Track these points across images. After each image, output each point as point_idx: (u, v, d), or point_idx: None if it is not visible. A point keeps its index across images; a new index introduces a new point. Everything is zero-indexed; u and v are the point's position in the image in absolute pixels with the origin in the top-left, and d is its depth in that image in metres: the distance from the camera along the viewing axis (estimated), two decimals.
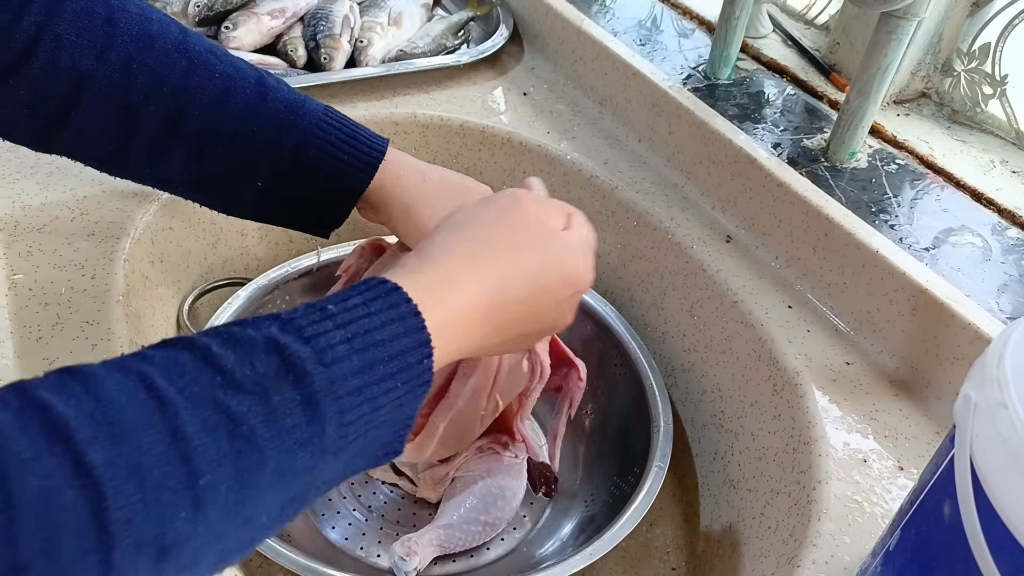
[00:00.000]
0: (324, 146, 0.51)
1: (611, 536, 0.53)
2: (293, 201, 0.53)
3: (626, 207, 0.74)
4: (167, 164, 0.51)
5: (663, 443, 0.60)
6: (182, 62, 0.49)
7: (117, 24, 0.47)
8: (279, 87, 0.52)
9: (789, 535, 0.51)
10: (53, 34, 0.46)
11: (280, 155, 0.51)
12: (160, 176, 0.53)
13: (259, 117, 0.50)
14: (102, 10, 0.47)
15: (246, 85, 0.50)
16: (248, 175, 0.51)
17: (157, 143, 0.50)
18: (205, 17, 0.88)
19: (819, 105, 0.77)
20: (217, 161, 0.51)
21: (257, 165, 0.51)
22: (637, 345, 0.68)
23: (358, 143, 0.52)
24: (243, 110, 0.50)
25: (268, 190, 0.52)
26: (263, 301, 0.69)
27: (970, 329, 0.54)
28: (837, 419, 0.55)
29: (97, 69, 0.47)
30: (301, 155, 0.51)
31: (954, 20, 0.73)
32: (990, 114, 0.74)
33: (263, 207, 0.54)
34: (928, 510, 0.35)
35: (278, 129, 0.51)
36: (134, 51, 0.47)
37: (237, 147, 0.50)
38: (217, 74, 0.50)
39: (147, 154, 0.50)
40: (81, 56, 0.46)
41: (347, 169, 0.52)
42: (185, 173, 0.52)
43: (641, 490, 0.57)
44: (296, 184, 0.52)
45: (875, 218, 0.63)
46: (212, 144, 0.50)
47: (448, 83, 0.85)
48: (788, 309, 0.63)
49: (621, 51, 0.80)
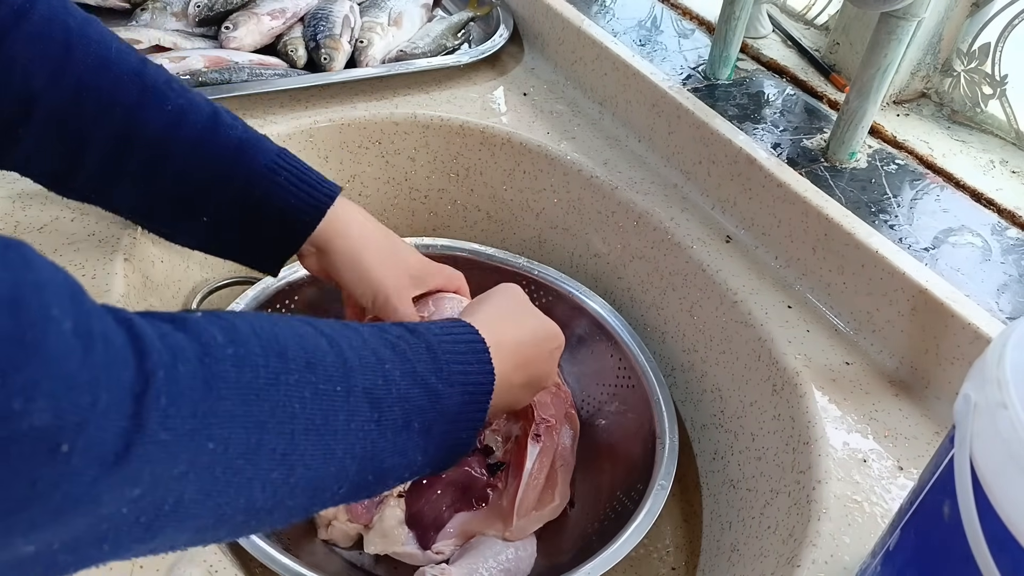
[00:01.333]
0: (272, 187, 0.52)
1: (610, 555, 0.53)
2: (238, 237, 0.54)
3: (626, 207, 0.74)
4: (114, 189, 0.52)
5: (668, 461, 0.60)
6: (134, 90, 0.49)
7: (73, 49, 0.48)
8: (233, 124, 0.53)
9: (789, 535, 0.51)
10: (7, 56, 0.46)
11: (227, 191, 0.52)
12: (107, 200, 0.53)
13: (208, 151, 0.51)
14: (59, 35, 0.48)
15: (198, 119, 0.51)
16: (194, 208, 0.52)
17: (105, 167, 0.50)
18: (205, 17, 0.88)
19: (819, 105, 0.77)
20: (164, 190, 0.51)
21: (205, 198, 0.52)
22: (637, 345, 0.68)
23: (308, 187, 0.53)
24: (193, 143, 0.51)
25: (214, 224, 0.53)
26: (270, 300, 0.69)
27: (970, 329, 0.54)
28: (837, 419, 0.55)
29: (49, 91, 0.48)
30: (248, 193, 0.52)
31: (954, 20, 0.73)
32: (990, 114, 0.74)
33: (208, 240, 0.55)
34: (928, 510, 0.35)
35: (227, 165, 0.51)
36: (87, 76, 0.48)
37: (184, 179, 0.51)
38: (169, 105, 0.50)
39: (95, 177, 0.51)
40: (32, 77, 0.47)
41: (294, 212, 0.53)
42: (132, 200, 0.53)
43: (642, 510, 0.56)
44: (242, 221, 0.53)
45: (875, 218, 0.63)
46: (160, 173, 0.51)
47: (448, 83, 0.86)
48: (788, 309, 0.63)
49: (621, 51, 0.80)
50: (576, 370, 0.73)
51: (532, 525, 0.60)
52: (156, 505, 0.28)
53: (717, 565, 0.60)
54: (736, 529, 0.59)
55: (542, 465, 0.60)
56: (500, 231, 0.86)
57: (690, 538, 0.67)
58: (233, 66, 0.81)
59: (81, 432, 0.25)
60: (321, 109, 0.78)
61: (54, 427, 0.24)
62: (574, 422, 0.66)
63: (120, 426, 0.26)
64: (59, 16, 0.48)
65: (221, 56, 0.83)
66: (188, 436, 0.28)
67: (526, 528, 0.59)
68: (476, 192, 0.85)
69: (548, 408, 0.62)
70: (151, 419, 0.27)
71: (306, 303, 0.71)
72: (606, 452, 0.68)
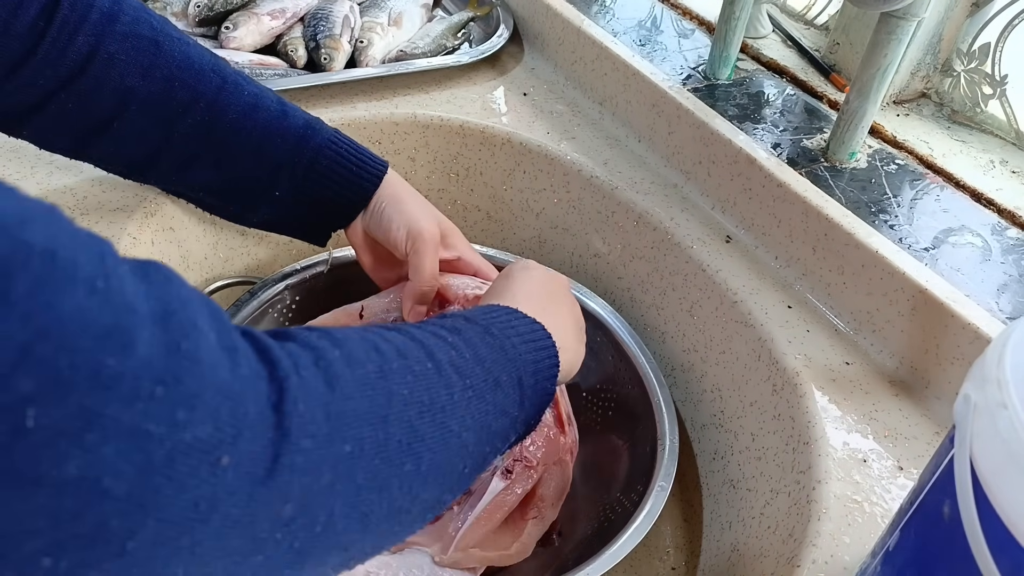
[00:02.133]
0: (336, 158, 0.58)
1: (610, 555, 0.52)
2: (305, 209, 0.59)
3: (626, 207, 0.74)
4: (193, 173, 0.56)
5: (668, 461, 0.59)
6: (215, 80, 0.54)
7: (161, 45, 0.53)
8: (296, 108, 0.58)
9: (789, 535, 0.51)
10: (107, 53, 0.51)
11: (297, 166, 0.57)
12: (185, 182, 0.58)
13: (281, 131, 0.56)
14: (147, 32, 0.52)
15: (270, 104, 0.56)
16: (268, 184, 0.57)
17: (186, 154, 0.55)
18: (205, 17, 0.88)
19: (819, 105, 0.77)
20: (239, 170, 0.56)
21: (277, 174, 0.57)
22: (637, 345, 0.68)
23: (364, 159, 0.59)
24: (267, 124, 0.56)
25: (284, 199, 0.58)
26: (272, 301, 0.69)
27: (970, 329, 0.54)
28: (837, 419, 0.55)
29: (142, 85, 0.52)
30: (316, 167, 0.57)
31: (954, 20, 0.73)
32: (990, 114, 0.74)
33: (276, 214, 0.59)
34: (928, 510, 0.35)
35: (297, 143, 0.56)
36: (175, 69, 0.53)
37: (259, 158, 0.56)
38: (246, 92, 0.56)
39: (177, 163, 0.56)
40: (129, 73, 0.51)
41: (356, 180, 0.58)
42: (209, 181, 0.57)
43: (642, 510, 0.55)
44: (310, 193, 0.58)
45: (875, 218, 0.63)
46: (237, 155, 0.56)
47: (448, 83, 0.86)
48: (788, 309, 0.63)
49: (621, 51, 0.80)
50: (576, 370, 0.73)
51: (470, 562, 0.56)
52: (309, 526, 0.28)
53: (717, 565, 0.60)
54: (736, 529, 0.59)
55: (500, 504, 0.56)
56: (500, 231, 0.86)
57: (690, 538, 0.67)
58: (233, 66, 0.81)
59: (237, 444, 0.25)
60: (321, 109, 0.78)
61: (215, 439, 0.24)
62: (566, 471, 0.61)
63: (267, 437, 0.26)
64: (144, 17, 0.53)
65: (221, 56, 0.83)
66: (327, 441, 0.29)
67: (462, 562, 0.56)
68: (476, 192, 0.85)
69: (535, 447, 0.58)
70: (293, 426, 0.27)
71: (309, 304, 0.71)
72: (606, 452, 0.68)
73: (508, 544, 0.58)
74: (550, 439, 0.59)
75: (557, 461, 0.60)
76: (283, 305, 0.70)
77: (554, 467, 0.60)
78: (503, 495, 0.56)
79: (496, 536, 0.57)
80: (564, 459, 0.61)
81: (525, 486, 0.57)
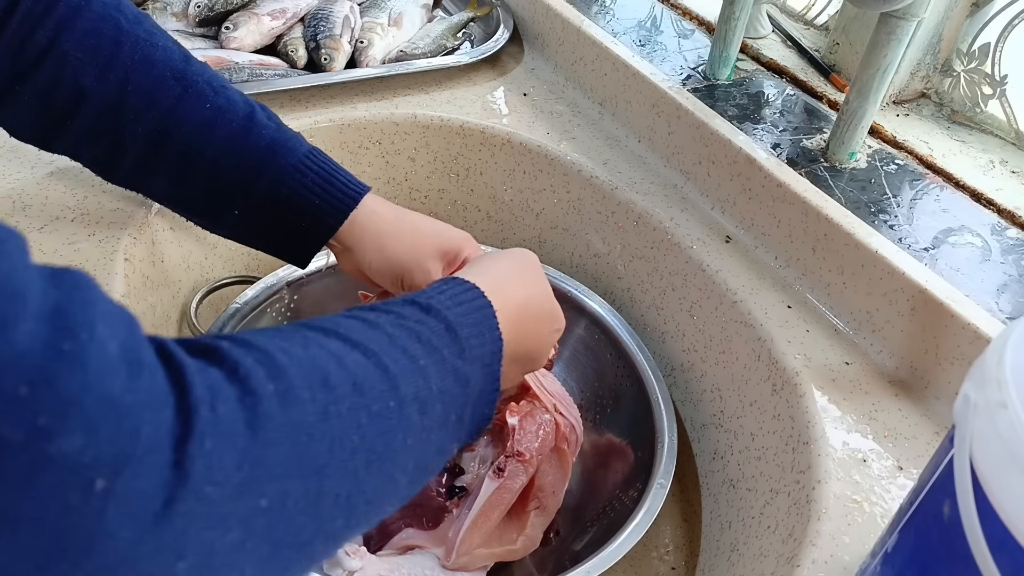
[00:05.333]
0: (298, 187, 0.54)
1: (609, 554, 0.52)
2: (266, 232, 0.56)
3: (626, 207, 0.74)
4: (151, 180, 0.55)
5: (667, 460, 0.59)
6: (176, 89, 0.52)
7: (121, 46, 0.50)
8: (267, 124, 0.54)
9: (789, 535, 0.51)
10: (61, 51, 0.49)
11: (256, 188, 0.53)
12: (146, 190, 0.56)
13: (240, 150, 0.53)
14: (110, 31, 0.50)
15: (233, 119, 0.53)
16: (225, 203, 0.54)
17: (142, 161, 0.53)
18: (206, 18, 0.88)
19: (819, 105, 0.77)
20: (197, 185, 0.54)
21: (233, 195, 0.54)
22: (637, 345, 0.68)
23: (333, 188, 0.54)
24: (225, 142, 0.53)
25: (244, 219, 0.55)
26: (271, 300, 0.69)
27: (970, 329, 0.54)
28: (836, 419, 0.55)
29: (95, 87, 0.50)
30: (275, 193, 0.54)
31: (954, 20, 0.73)
32: (990, 114, 0.74)
33: (240, 231, 0.56)
34: (927, 510, 0.35)
35: (257, 164, 0.53)
36: (132, 73, 0.51)
37: (217, 175, 0.53)
38: (208, 104, 0.52)
39: (133, 169, 0.54)
40: (83, 73, 0.50)
41: (317, 212, 0.54)
42: (168, 191, 0.55)
43: (641, 509, 0.55)
44: (271, 217, 0.55)
45: (874, 218, 0.63)
46: (192, 169, 0.53)
47: (448, 84, 0.86)
48: (787, 309, 0.63)
49: (621, 52, 0.80)
50: (576, 370, 0.73)
51: (477, 562, 0.57)
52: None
53: (717, 565, 0.60)
54: (736, 529, 0.59)
55: (496, 503, 0.56)
56: (500, 231, 0.86)
57: (690, 538, 0.67)
58: (233, 66, 0.81)
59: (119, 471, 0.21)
60: (321, 109, 0.78)
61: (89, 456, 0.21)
62: (565, 460, 0.61)
63: (161, 475, 0.22)
64: (111, 14, 0.51)
65: (221, 56, 0.83)
66: (237, 492, 0.24)
67: (469, 564, 0.56)
68: (476, 192, 0.85)
69: (528, 439, 0.57)
70: (195, 469, 0.23)
71: (308, 303, 0.71)
72: (605, 451, 0.69)
73: (513, 539, 0.58)
74: (544, 430, 0.59)
75: (554, 448, 0.60)
76: (282, 304, 0.70)
77: (551, 455, 0.60)
78: (498, 494, 0.56)
79: (500, 532, 0.57)
80: (561, 447, 0.60)
81: (521, 480, 0.57)
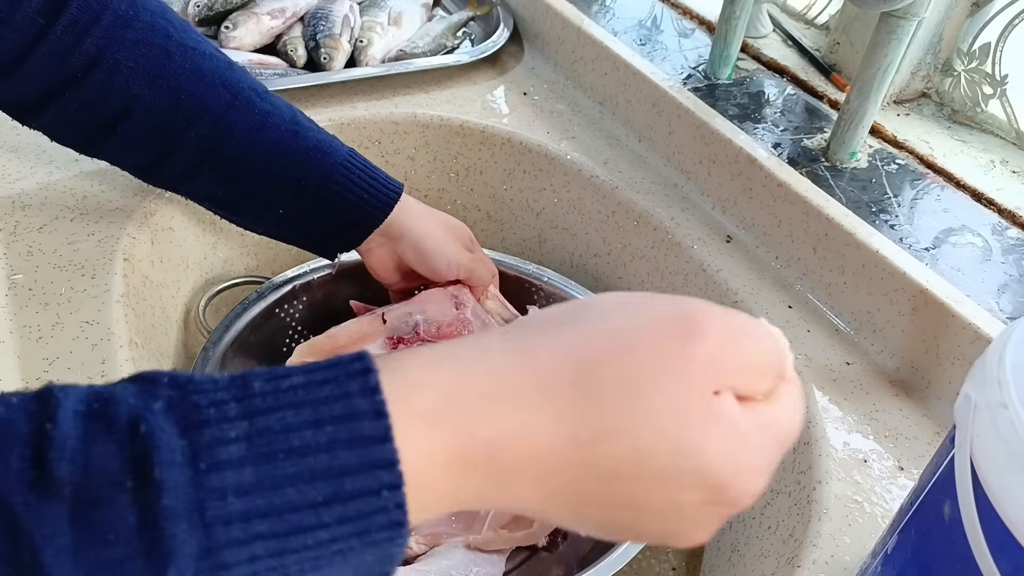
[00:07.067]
0: (346, 183, 0.57)
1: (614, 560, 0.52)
2: (306, 228, 0.59)
3: (626, 207, 0.74)
4: (197, 184, 0.57)
5: None
6: (225, 96, 0.53)
7: (172, 55, 0.52)
8: (310, 127, 0.57)
9: (789, 535, 0.51)
10: (112, 59, 0.50)
11: (304, 188, 0.56)
12: (189, 192, 0.58)
13: (289, 152, 0.55)
14: (160, 41, 0.52)
15: (280, 123, 0.56)
16: (271, 202, 0.57)
17: (191, 166, 0.55)
18: (205, 17, 0.88)
19: (819, 105, 0.77)
20: (244, 187, 0.56)
21: (281, 195, 0.56)
22: None
23: (377, 183, 0.59)
24: (274, 145, 0.55)
25: (288, 217, 0.58)
26: (278, 302, 0.69)
27: (970, 329, 0.54)
28: (837, 419, 0.55)
29: (147, 94, 0.52)
30: (324, 190, 0.57)
31: (954, 20, 0.73)
32: (990, 114, 0.74)
33: (279, 230, 0.60)
34: (928, 510, 0.35)
35: (305, 165, 0.56)
36: (183, 81, 0.52)
37: (265, 177, 0.56)
38: (256, 110, 0.55)
39: (180, 174, 0.56)
40: (135, 81, 0.51)
41: (364, 207, 0.58)
42: (213, 193, 0.58)
43: None
44: (315, 215, 0.58)
45: (875, 218, 0.63)
46: (242, 172, 0.55)
47: (448, 83, 0.85)
48: (788, 309, 0.63)
49: (621, 51, 0.80)
50: None
51: (499, 542, 0.58)
52: None
53: (718, 565, 0.60)
54: (736, 529, 0.59)
55: None
56: (500, 231, 0.86)
57: None
58: None
59: None
60: (321, 109, 0.78)
61: None
62: None
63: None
64: (160, 24, 0.52)
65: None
66: None
67: (492, 542, 0.58)
68: (476, 192, 0.85)
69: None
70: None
71: (310, 304, 0.71)
72: None
73: (529, 523, 0.60)
74: None
75: None
76: (291, 306, 0.70)
77: None
78: None
79: (517, 519, 0.59)
80: None
81: None
